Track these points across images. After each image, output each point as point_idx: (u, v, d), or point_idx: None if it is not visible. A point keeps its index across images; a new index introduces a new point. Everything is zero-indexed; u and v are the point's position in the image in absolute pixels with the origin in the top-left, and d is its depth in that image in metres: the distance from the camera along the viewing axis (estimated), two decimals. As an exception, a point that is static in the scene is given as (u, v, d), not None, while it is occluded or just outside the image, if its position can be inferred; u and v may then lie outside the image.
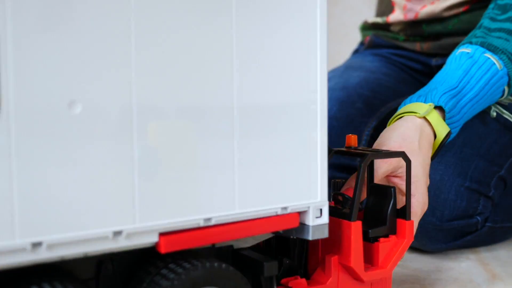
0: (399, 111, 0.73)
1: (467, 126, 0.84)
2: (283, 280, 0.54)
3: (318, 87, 0.51)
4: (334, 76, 1.02)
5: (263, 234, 0.55)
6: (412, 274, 0.76)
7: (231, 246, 0.53)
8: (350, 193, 0.59)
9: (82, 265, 0.44)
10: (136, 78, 0.42)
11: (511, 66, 0.76)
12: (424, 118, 0.69)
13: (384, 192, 0.59)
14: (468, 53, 0.77)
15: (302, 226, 0.52)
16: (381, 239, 0.57)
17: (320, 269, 0.56)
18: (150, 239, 0.43)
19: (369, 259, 0.58)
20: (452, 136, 0.74)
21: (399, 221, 0.59)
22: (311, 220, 0.51)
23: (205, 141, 0.45)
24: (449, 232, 0.80)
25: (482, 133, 0.84)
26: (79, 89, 0.39)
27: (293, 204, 0.50)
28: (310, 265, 0.58)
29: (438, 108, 0.71)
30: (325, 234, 0.52)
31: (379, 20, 1.06)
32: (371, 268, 0.57)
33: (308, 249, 0.58)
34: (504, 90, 0.79)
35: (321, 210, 0.51)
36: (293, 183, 0.50)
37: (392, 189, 0.58)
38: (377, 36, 1.07)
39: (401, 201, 0.64)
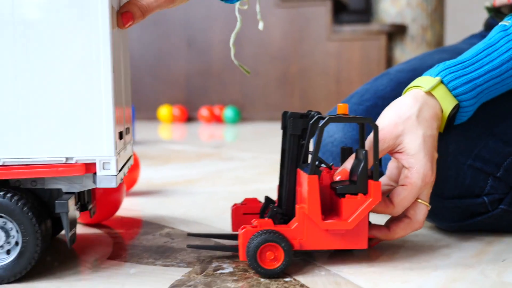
0: (411, 83, 0.75)
1: (495, 104, 0.79)
2: (253, 220, 0.65)
3: (101, 51, 0.60)
4: (416, 58, 1.01)
5: (86, 182, 0.65)
6: (390, 243, 0.77)
7: (60, 189, 0.65)
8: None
9: None
10: None
11: None
12: (429, 92, 0.71)
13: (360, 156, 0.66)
14: (505, 25, 0.74)
15: (94, 176, 0.62)
16: (347, 196, 0.64)
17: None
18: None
19: (337, 213, 0.65)
20: (468, 109, 0.73)
21: (369, 182, 0.64)
22: (98, 171, 0.61)
23: None
24: (454, 210, 0.78)
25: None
26: None
27: (78, 156, 0.61)
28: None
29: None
30: (112, 184, 0.61)
31: (487, 4, 1.01)
32: (332, 219, 0.64)
33: (294, 198, 0.69)
34: None
35: (109, 163, 0.61)
36: (79, 139, 0.61)
37: (364, 152, 0.64)
38: (493, 18, 1.03)
39: (402, 174, 0.69)
